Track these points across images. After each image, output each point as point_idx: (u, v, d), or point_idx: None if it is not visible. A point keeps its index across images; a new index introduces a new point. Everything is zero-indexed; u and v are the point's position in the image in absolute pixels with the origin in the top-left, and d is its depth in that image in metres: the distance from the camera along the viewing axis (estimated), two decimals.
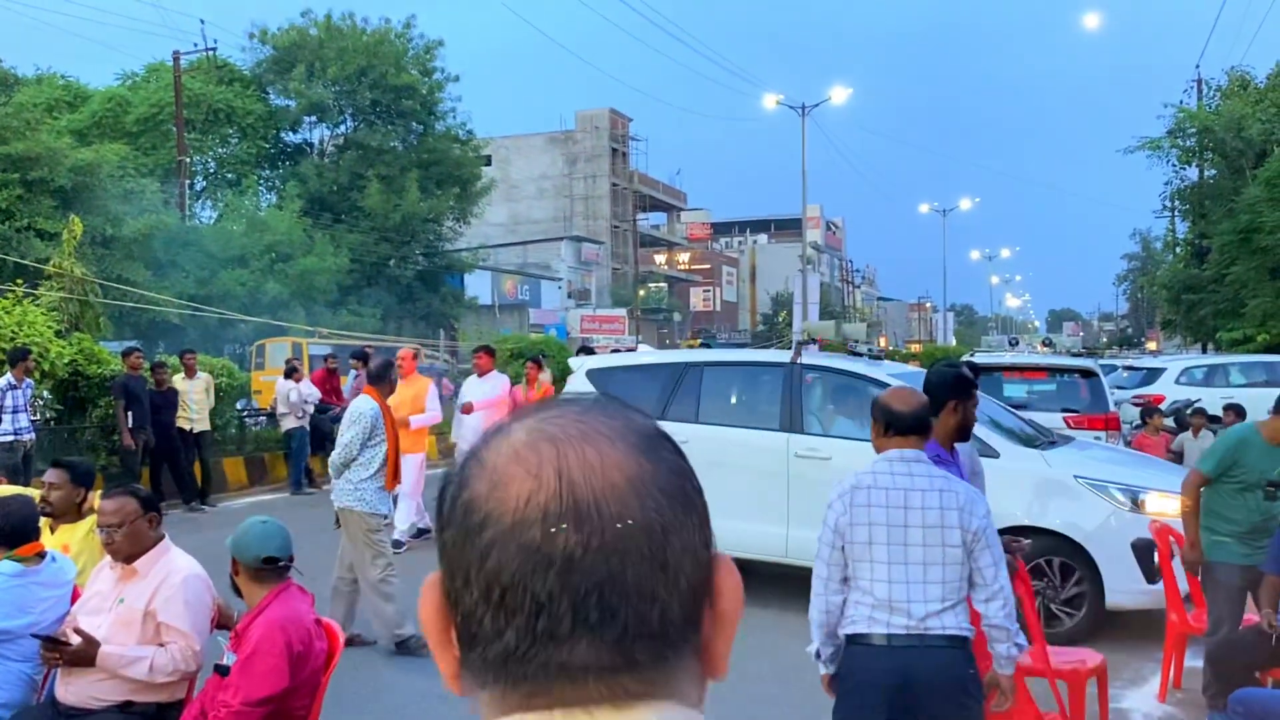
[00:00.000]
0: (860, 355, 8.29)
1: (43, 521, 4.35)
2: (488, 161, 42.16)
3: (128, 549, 3.72)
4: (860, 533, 3.15)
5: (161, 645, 3.65)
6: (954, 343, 62.97)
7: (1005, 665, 3.25)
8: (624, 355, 10.64)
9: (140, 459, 11.06)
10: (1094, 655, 4.68)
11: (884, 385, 7.01)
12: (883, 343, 64.17)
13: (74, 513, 4.73)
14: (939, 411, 3.85)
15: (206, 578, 3.91)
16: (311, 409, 13.07)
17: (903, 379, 6.75)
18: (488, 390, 9.91)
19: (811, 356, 7.84)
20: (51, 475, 4.67)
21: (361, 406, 6.54)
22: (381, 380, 6.80)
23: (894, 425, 3.28)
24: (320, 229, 30.05)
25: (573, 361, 9.66)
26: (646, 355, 10.32)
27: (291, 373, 13.37)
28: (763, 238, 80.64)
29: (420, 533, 9.57)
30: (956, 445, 4.04)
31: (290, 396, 12.93)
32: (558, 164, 58.50)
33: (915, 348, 55.09)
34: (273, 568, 3.49)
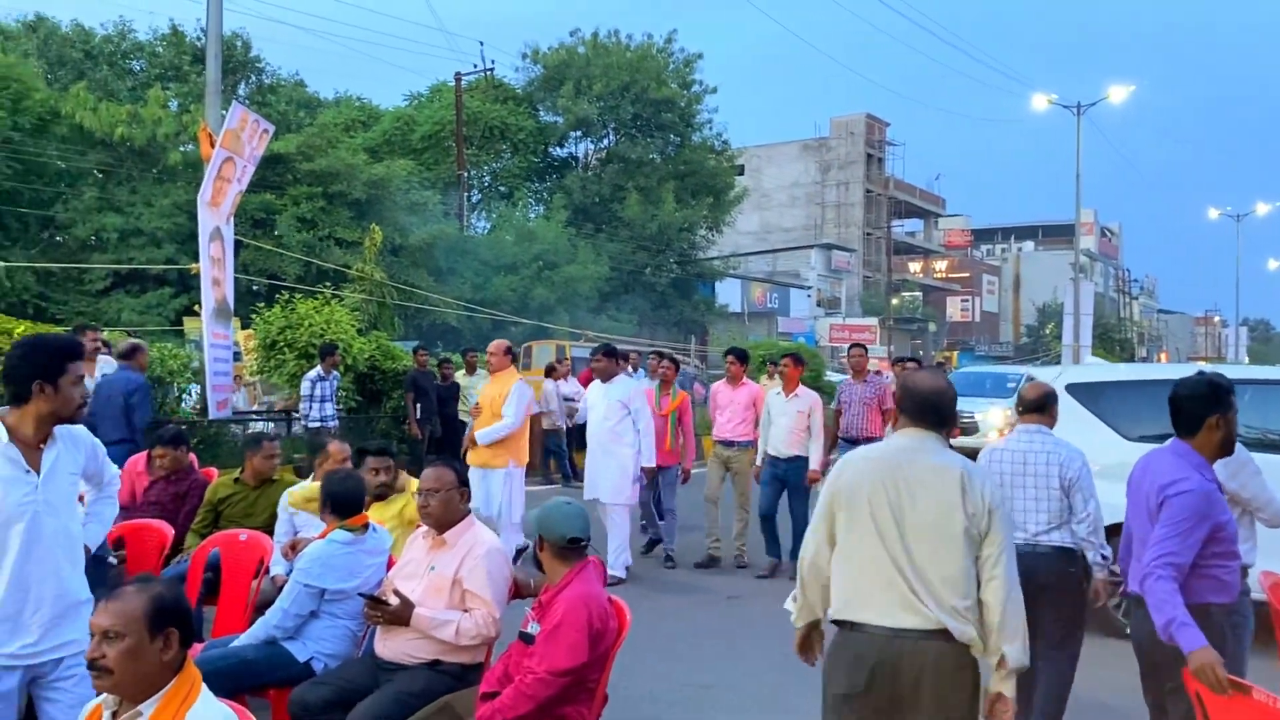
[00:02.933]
0: None
1: None
2: (741, 171, 42.51)
3: (439, 514, 4.08)
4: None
5: (466, 611, 3.97)
6: (1246, 360, 57.32)
7: (1097, 569, 4.64)
8: (1118, 369, 9.01)
9: (426, 448, 11.94)
10: None
11: None
12: (1163, 358, 59.34)
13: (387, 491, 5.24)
14: (1197, 429, 3.65)
15: (506, 552, 4.22)
16: (579, 407, 13.70)
17: None
18: (617, 393, 8.33)
19: None
20: (373, 461, 5.24)
21: None
22: None
23: (1023, 407, 4.91)
24: (583, 238, 31.35)
25: (1078, 367, 9.14)
26: (1146, 370, 9.48)
27: (550, 371, 14.11)
28: (1028, 245, 76.64)
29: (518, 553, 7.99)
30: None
31: (549, 395, 13.64)
32: (810, 171, 58.11)
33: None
34: (575, 547, 3.71)
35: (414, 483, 5.23)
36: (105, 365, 8.76)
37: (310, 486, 5.32)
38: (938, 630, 2.94)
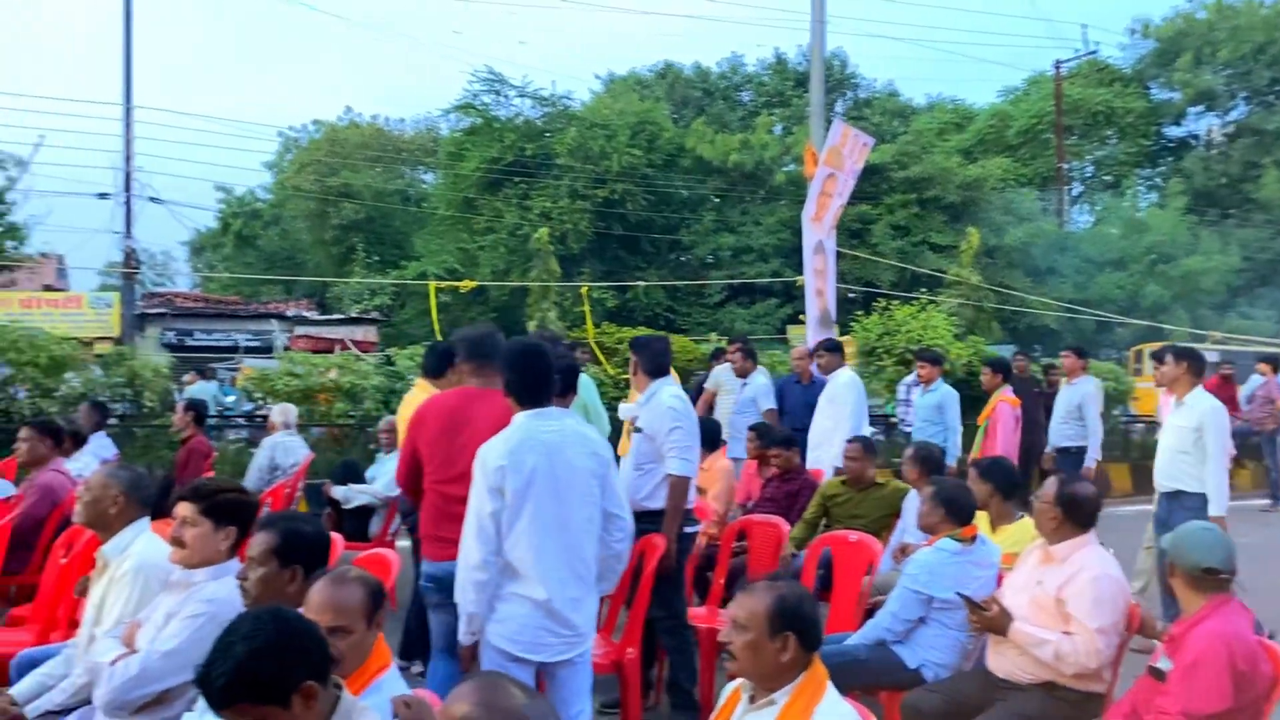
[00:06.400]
0: None
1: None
2: None
3: (1048, 528, 3.96)
4: None
5: (1067, 634, 3.73)
6: None
7: None
8: None
9: (1021, 462, 11.43)
10: None
11: None
12: None
13: (1008, 516, 5.06)
14: None
15: (1123, 581, 3.89)
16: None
17: None
18: (828, 393, 7.98)
19: None
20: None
21: None
22: None
23: None
24: (1206, 226, 27.96)
25: None
26: None
27: None
28: None
29: None
30: None
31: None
32: None
33: None
34: (1213, 578, 3.31)
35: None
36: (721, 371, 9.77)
37: None
38: None
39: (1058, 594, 3.79)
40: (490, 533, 3.51)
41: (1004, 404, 8.05)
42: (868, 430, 8.61)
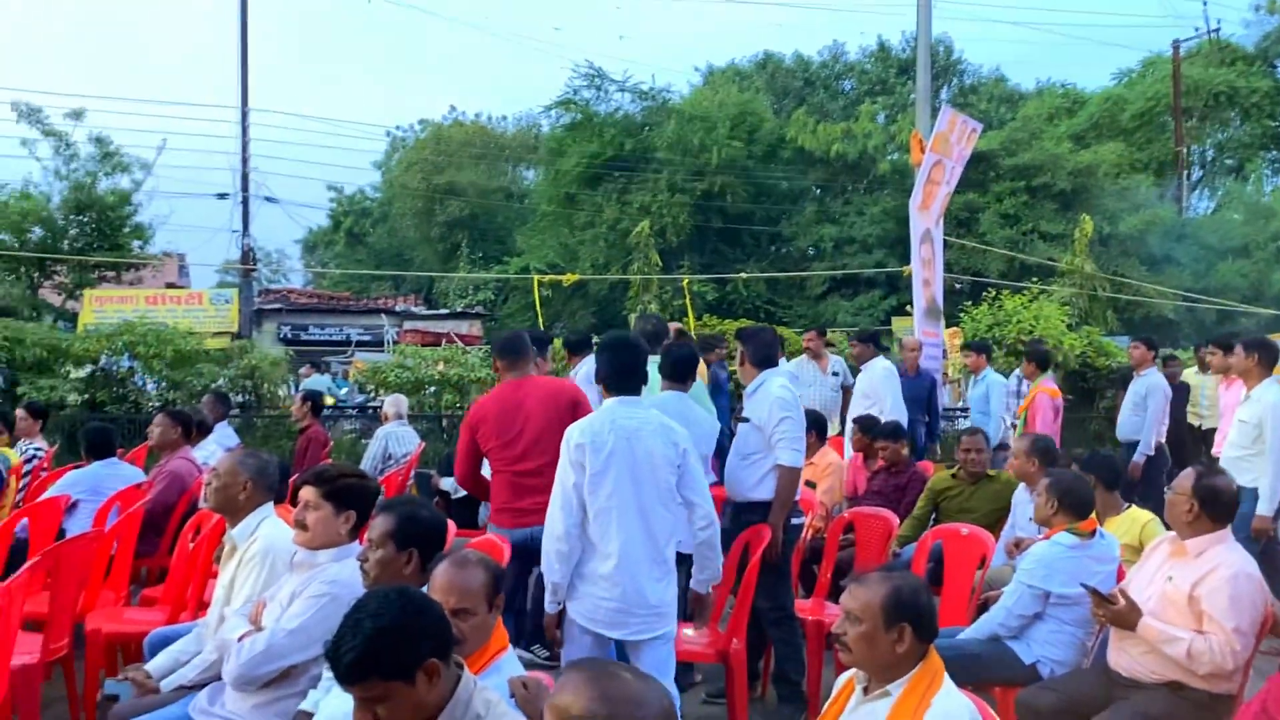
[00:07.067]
0: None
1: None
2: None
3: (1181, 520, 3.80)
4: None
5: (1201, 632, 3.58)
6: None
7: None
8: None
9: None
10: None
11: None
12: None
13: (1115, 507, 4.93)
14: None
15: (1261, 580, 3.72)
16: None
17: None
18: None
19: None
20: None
21: None
22: None
23: None
24: None
25: None
26: None
27: None
28: None
29: None
30: None
31: None
32: None
33: None
34: None
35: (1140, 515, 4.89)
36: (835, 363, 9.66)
37: None
38: None
39: (1191, 590, 3.63)
40: (573, 504, 3.70)
41: (1042, 394, 8.01)
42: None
